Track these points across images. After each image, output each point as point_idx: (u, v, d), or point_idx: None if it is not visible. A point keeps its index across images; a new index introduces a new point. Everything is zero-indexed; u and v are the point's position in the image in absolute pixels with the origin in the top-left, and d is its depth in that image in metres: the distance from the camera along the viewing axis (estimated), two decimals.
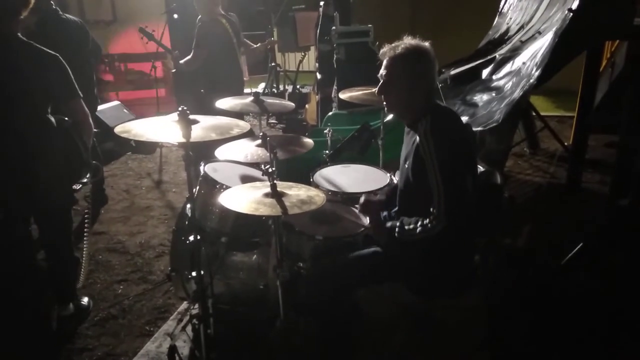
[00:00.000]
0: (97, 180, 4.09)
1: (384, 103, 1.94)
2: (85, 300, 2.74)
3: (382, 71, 1.87)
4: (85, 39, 3.57)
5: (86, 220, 2.89)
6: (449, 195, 1.71)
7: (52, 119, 2.29)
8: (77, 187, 2.43)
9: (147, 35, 3.97)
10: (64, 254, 2.59)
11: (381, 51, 1.87)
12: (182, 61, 3.93)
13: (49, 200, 2.35)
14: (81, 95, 2.34)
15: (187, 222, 2.25)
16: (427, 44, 1.84)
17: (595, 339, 2.37)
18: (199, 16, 3.92)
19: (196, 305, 2.20)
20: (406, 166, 1.90)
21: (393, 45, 1.84)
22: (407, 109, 1.89)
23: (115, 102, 5.80)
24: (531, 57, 3.38)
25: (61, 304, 2.62)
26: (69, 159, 2.34)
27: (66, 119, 2.33)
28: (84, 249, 2.90)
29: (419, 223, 1.77)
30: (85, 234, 2.90)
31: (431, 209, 1.75)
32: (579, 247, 2.82)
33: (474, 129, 3.07)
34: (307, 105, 5.89)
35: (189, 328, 2.28)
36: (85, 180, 2.46)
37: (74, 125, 2.33)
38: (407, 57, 1.81)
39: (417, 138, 1.80)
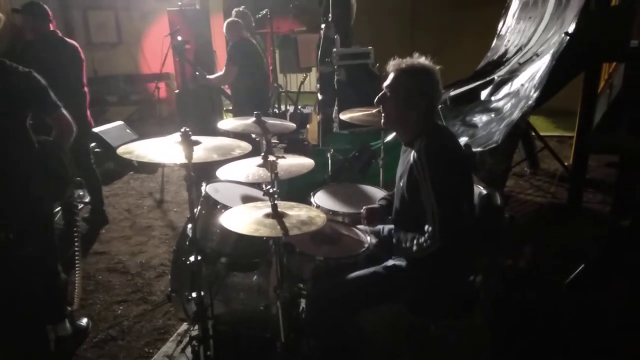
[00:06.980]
0: (96, 201, 4.11)
1: (382, 115, 1.95)
2: (84, 321, 2.72)
3: (386, 82, 1.89)
4: (76, 61, 3.65)
5: (76, 244, 2.86)
6: (443, 216, 1.72)
7: (32, 136, 2.27)
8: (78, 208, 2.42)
9: (179, 53, 4.21)
10: (50, 269, 2.50)
11: (389, 63, 1.89)
12: (211, 77, 4.10)
13: (28, 215, 2.31)
14: (60, 105, 2.36)
15: (187, 243, 2.25)
16: (432, 64, 1.86)
17: (600, 359, 2.34)
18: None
19: (196, 327, 2.19)
20: (401, 184, 1.91)
21: (402, 60, 1.87)
22: (402, 124, 1.91)
23: (119, 122, 5.84)
24: (529, 78, 3.43)
25: (56, 323, 2.55)
26: (52, 177, 2.32)
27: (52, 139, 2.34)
28: (77, 272, 2.86)
29: (415, 241, 1.78)
30: (77, 257, 2.86)
31: (426, 227, 1.75)
32: (581, 267, 2.81)
33: (474, 149, 3.09)
34: (308, 126, 5.93)
35: (188, 350, 2.25)
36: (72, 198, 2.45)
37: (58, 142, 2.35)
38: (410, 73, 1.83)
39: (412, 157, 1.82)
